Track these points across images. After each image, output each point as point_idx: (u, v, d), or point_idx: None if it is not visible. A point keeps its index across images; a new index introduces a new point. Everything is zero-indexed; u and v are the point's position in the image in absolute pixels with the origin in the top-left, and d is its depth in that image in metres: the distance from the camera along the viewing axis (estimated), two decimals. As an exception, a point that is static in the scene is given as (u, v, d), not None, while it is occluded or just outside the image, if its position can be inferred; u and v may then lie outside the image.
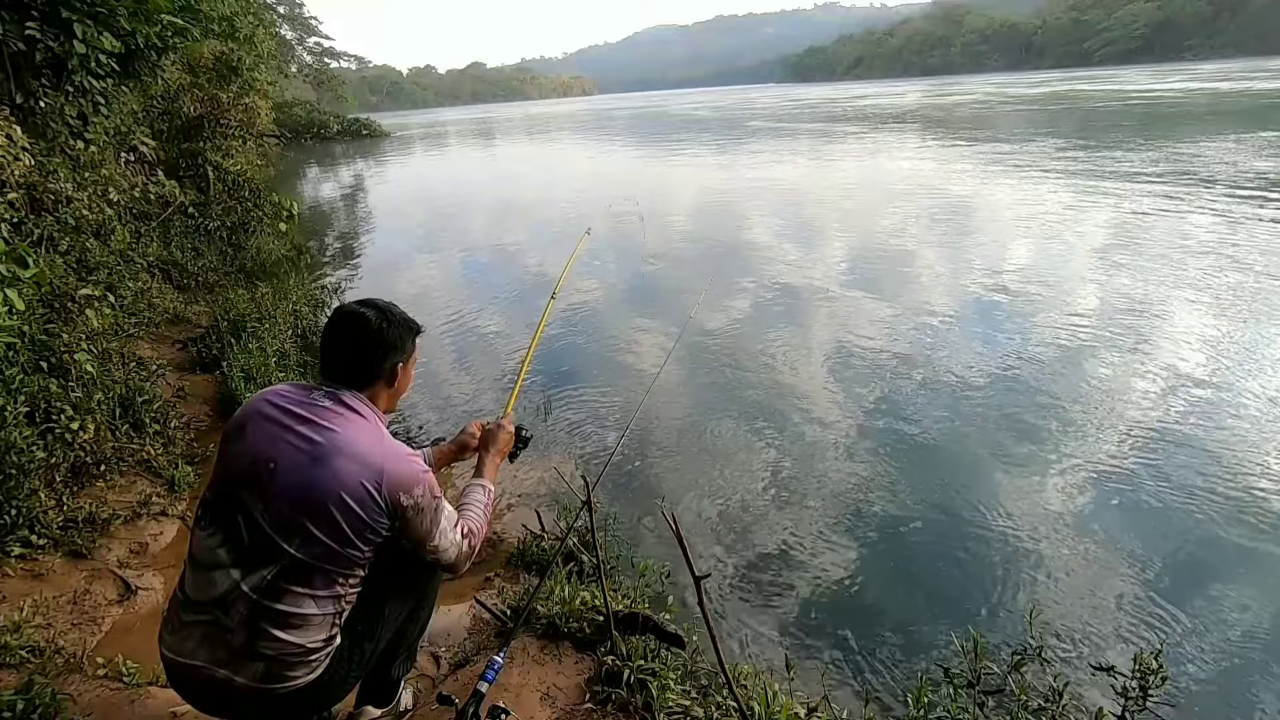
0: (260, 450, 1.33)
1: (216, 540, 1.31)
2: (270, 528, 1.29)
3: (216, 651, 1.30)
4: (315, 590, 1.32)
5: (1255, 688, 2.35)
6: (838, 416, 4.30)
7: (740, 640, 2.60)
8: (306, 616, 1.32)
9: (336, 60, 47.75)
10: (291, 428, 1.34)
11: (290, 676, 1.33)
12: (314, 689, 1.37)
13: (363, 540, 1.34)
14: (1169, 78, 47.04)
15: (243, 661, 1.30)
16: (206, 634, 1.31)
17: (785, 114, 38.72)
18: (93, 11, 4.36)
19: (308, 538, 1.29)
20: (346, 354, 1.44)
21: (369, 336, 1.44)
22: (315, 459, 1.31)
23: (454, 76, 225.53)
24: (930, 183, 12.90)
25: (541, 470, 3.82)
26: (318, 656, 1.36)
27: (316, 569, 1.31)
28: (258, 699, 1.33)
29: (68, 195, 4.52)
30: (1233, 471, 3.48)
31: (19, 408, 2.86)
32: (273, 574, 1.29)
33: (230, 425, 1.41)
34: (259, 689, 1.31)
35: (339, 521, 1.30)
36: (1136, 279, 6.52)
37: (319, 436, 1.34)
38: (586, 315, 6.65)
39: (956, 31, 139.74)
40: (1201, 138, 15.94)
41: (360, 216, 14.19)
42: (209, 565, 1.31)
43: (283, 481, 1.30)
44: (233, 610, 1.29)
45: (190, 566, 1.35)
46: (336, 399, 1.40)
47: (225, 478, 1.35)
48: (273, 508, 1.29)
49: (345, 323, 1.45)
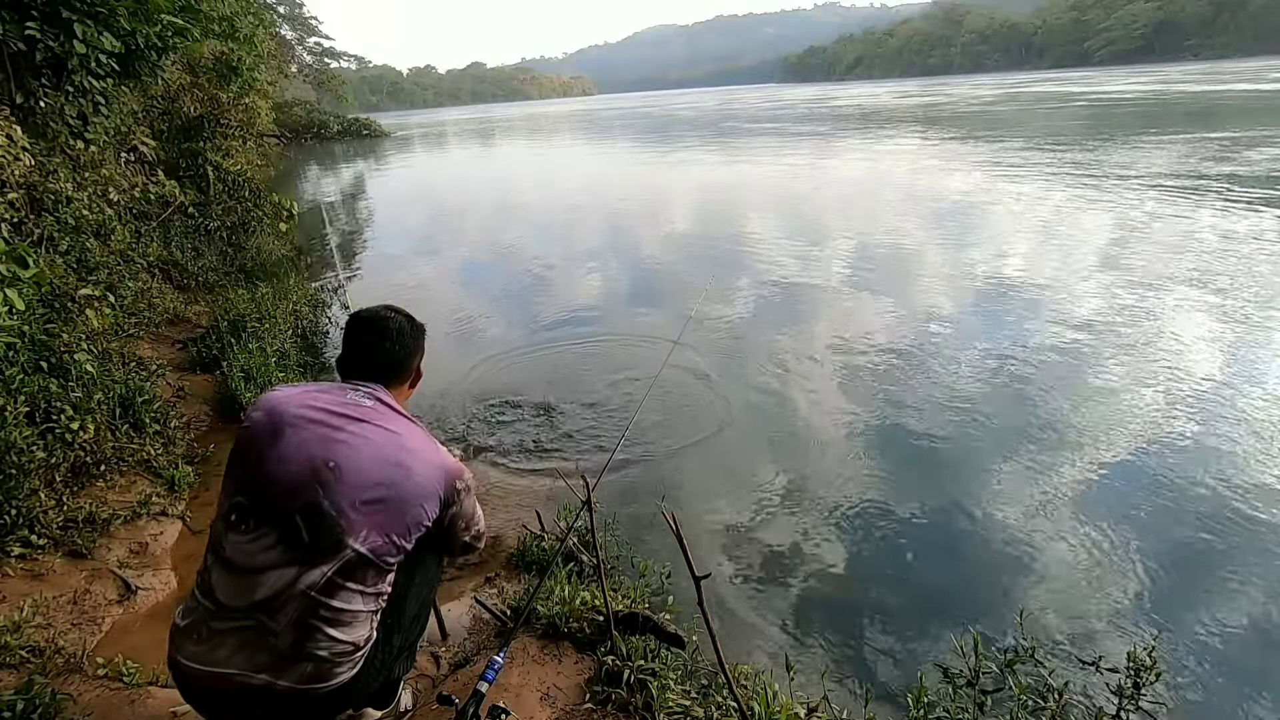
0: (314, 453, 1.33)
1: (268, 541, 1.29)
2: (337, 524, 1.30)
3: (256, 657, 1.29)
4: (365, 586, 1.35)
5: (1255, 687, 2.35)
6: (838, 416, 4.30)
7: (740, 640, 2.60)
8: (355, 613, 1.35)
9: (336, 60, 47.63)
10: (344, 428, 1.37)
11: (336, 674, 1.34)
12: (351, 686, 1.38)
13: (415, 531, 1.40)
14: (1135, 79, 47.32)
15: (288, 664, 1.29)
16: (246, 640, 1.29)
17: (784, 114, 38.78)
18: (93, 11, 4.35)
19: (372, 532, 1.32)
20: (378, 355, 1.52)
21: (399, 338, 1.55)
22: (383, 458, 1.37)
23: (454, 76, 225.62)
24: (921, 180, 12.93)
25: (541, 470, 3.82)
26: (362, 652, 1.38)
27: (372, 564, 1.34)
28: (296, 701, 1.32)
29: (68, 195, 4.52)
30: (1233, 471, 3.48)
31: (19, 408, 2.86)
32: (334, 570, 1.30)
33: (255, 430, 1.37)
34: (302, 690, 1.31)
35: (403, 516, 1.36)
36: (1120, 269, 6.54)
37: (379, 436, 1.39)
38: (587, 314, 6.65)
39: (956, 31, 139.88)
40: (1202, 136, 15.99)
41: (360, 216, 14.20)
42: (252, 569, 1.29)
43: (350, 480, 1.32)
44: (282, 612, 1.28)
45: (222, 572, 1.31)
46: (376, 399, 1.46)
47: (267, 481, 1.32)
48: (339, 505, 1.30)
49: (373, 324, 1.54)
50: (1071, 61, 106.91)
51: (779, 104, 51.81)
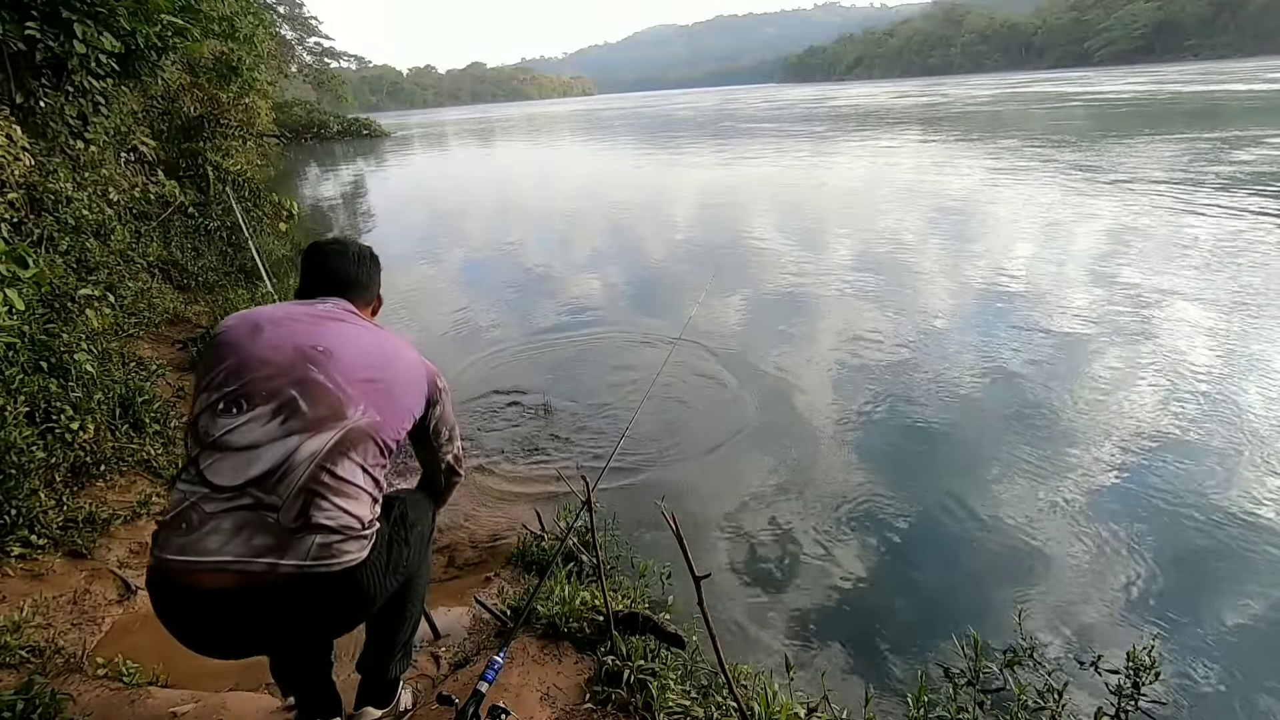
0: (300, 340, 1.34)
1: (265, 418, 1.25)
2: (335, 395, 1.30)
3: (255, 539, 1.19)
4: (366, 462, 1.32)
5: (1253, 686, 2.35)
6: (838, 416, 4.30)
7: (740, 640, 2.60)
8: (359, 488, 1.30)
9: (336, 60, 47.56)
10: (325, 324, 1.41)
11: (344, 550, 1.26)
12: (360, 574, 1.29)
13: (406, 421, 1.42)
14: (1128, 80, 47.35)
15: (292, 540, 1.21)
16: (243, 522, 1.20)
17: (783, 114, 38.77)
18: (93, 11, 4.35)
19: (370, 408, 1.33)
20: (341, 270, 1.56)
21: (359, 258, 1.59)
22: (369, 348, 1.40)
23: (454, 76, 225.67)
24: (919, 179, 12.93)
25: (541, 470, 3.82)
26: (369, 532, 1.32)
27: (372, 439, 1.32)
28: (300, 589, 1.22)
29: (68, 195, 4.52)
30: (1234, 471, 3.48)
31: (19, 408, 2.85)
32: (335, 438, 1.27)
33: (234, 333, 1.35)
34: (307, 570, 1.21)
35: (396, 400, 1.39)
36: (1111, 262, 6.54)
37: (361, 332, 1.43)
38: (587, 314, 6.65)
39: (956, 31, 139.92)
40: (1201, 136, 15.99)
41: (360, 215, 14.20)
42: (250, 445, 1.23)
43: (342, 361, 1.34)
44: (284, 483, 1.22)
45: (214, 456, 1.24)
46: (346, 309, 1.49)
47: (259, 363, 1.30)
48: (334, 379, 1.31)
49: (332, 245, 1.59)
50: (1071, 61, 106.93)
51: (778, 104, 51.82)
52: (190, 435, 1.30)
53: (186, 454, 1.30)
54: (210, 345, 1.38)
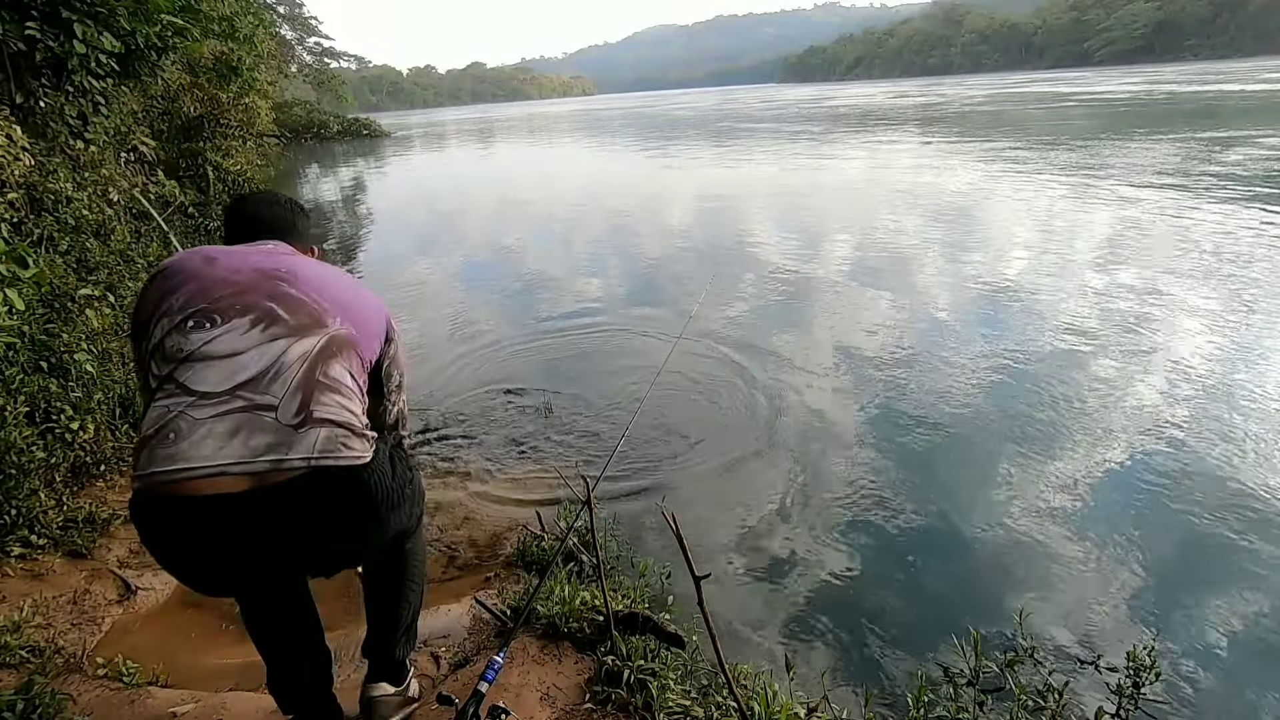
0: (260, 264, 1.30)
1: (243, 328, 1.19)
2: (312, 306, 1.27)
3: (253, 440, 1.11)
4: (351, 368, 1.30)
5: (1257, 686, 2.35)
6: (839, 416, 4.30)
7: (740, 640, 2.60)
8: (351, 388, 1.27)
9: (336, 60, 47.55)
10: (279, 255, 1.39)
11: (350, 446, 1.19)
12: (367, 475, 1.22)
13: (376, 345, 1.40)
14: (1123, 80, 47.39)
15: (295, 435, 1.14)
16: (239, 423, 1.11)
17: (782, 114, 38.79)
18: (93, 11, 4.35)
19: (346, 322, 1.31)
20: (274, 213, 1.51)
21: (289, 204, 1.56)
22: (330, 272, 1.40)
23: (454, 76, 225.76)
24: (917, 178, 12.94)
25: (541, 470, 3.82)
26: (370, 435, 1.27)
27: (353, 348, 1.31)
28: (310, 480, 1.14)
29: (68, 195, 4.52)
30: (1235, 470, 3.48)
31: (19, 408, 2.85)
32: (323, 342, 1.25)
33: (183, 262, 1.28)
34: (315, 464, 1.14)
35: (366, 323, 1.37)
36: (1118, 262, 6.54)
37: (315, 261, 1.43)
38: (587, 313, 6.65)
39: (956, 31, 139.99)
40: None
41: (360, 215, 14.20)
42: (234, 353, 1.17)
43: (311, 281, 1.32)
44: (278, 381, 1.16)
45: (193, 367, 1.16)
46: (288, 249, 1.45)
47: (224, 283, 1.24)
48: (307, 293, 1.29)
49: (263, 196, 1.57)
50: (1071, 61, 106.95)
51: (777, 104, 51.84)
52: (154, 358, 1.19)
53: (152, 379, 1.19)
54: (155, 278, 1.28)
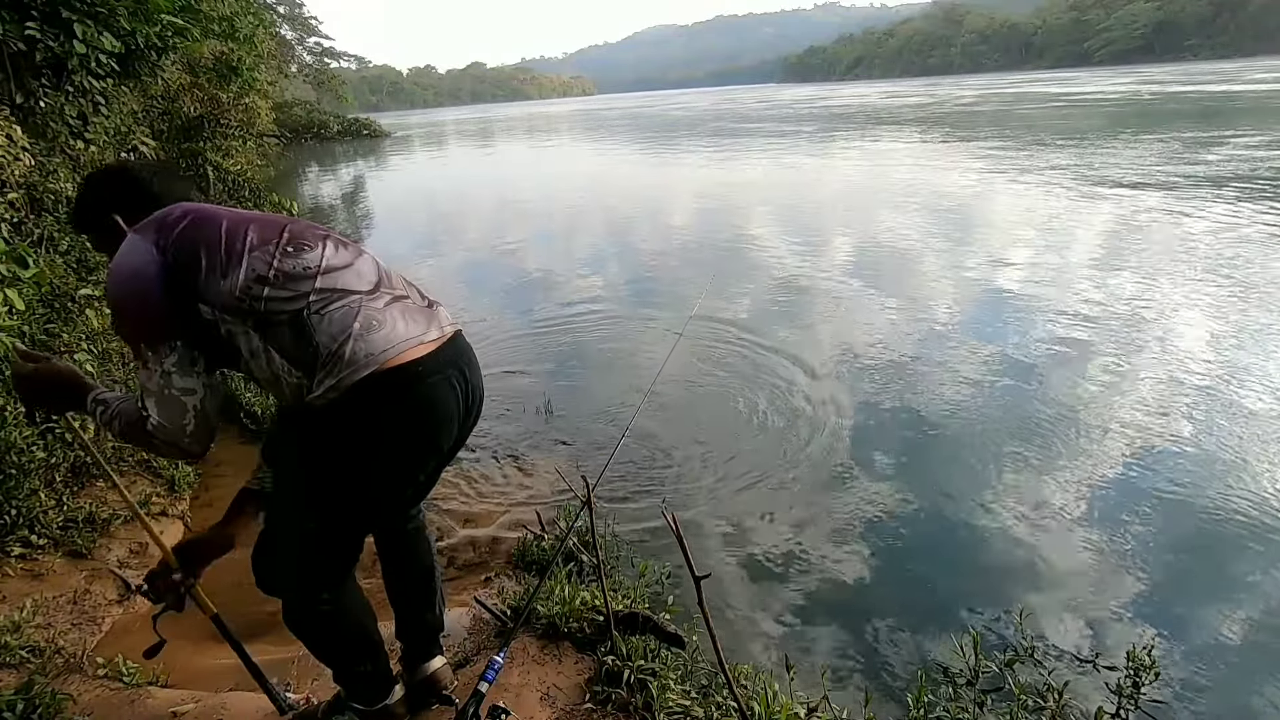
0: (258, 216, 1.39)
1: (330, 248, 1.29)
2: (351, 240, 1.40)
3: (419, 317, 1.31)
4: None
5: (1257, 686, 2.35)
6: (839, 417, 4.30)
7: (740, 640, 2.60)
8: None
9: (336, 60, 47.51)
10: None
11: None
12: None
13: None
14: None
15: (434, 313, 1.36)
16: (402, 309, 1.30)
17: (782, 114, 38.81)
18: (93, 11, 4.35)
19: None
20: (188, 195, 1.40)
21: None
22: None
23: (454, 76, 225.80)
24: (915, 177, 12.94)
25: (541, 470, 3.82)
26: None
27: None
28: (462, 340, 1.41)
29: (68, 195, 4.51)
30: (1235, 470, 3.48)
31: (19, 408, 2.85)
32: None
33: (205, 211, 1.25)
34: (458, 329, 1.40)
35: None
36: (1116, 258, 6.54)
37: None
38: (587, 314, 6.65)
39: (956, 31, 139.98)
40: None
41: (360, 215, 14.20)
42: (346, 264, 1.29)
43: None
44: (391, 278, 1.35)
45: (332, 276, 1.24)
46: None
47: (269, 224, 1.28)
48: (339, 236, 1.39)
49: (163, 165, 1.65)
50: (1071, 61, 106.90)
51: (776, 104, 51.85)
52: (272, 285, 1.18)
53: (280, 302, 1.18)
54: (184, 226, 1.20)
